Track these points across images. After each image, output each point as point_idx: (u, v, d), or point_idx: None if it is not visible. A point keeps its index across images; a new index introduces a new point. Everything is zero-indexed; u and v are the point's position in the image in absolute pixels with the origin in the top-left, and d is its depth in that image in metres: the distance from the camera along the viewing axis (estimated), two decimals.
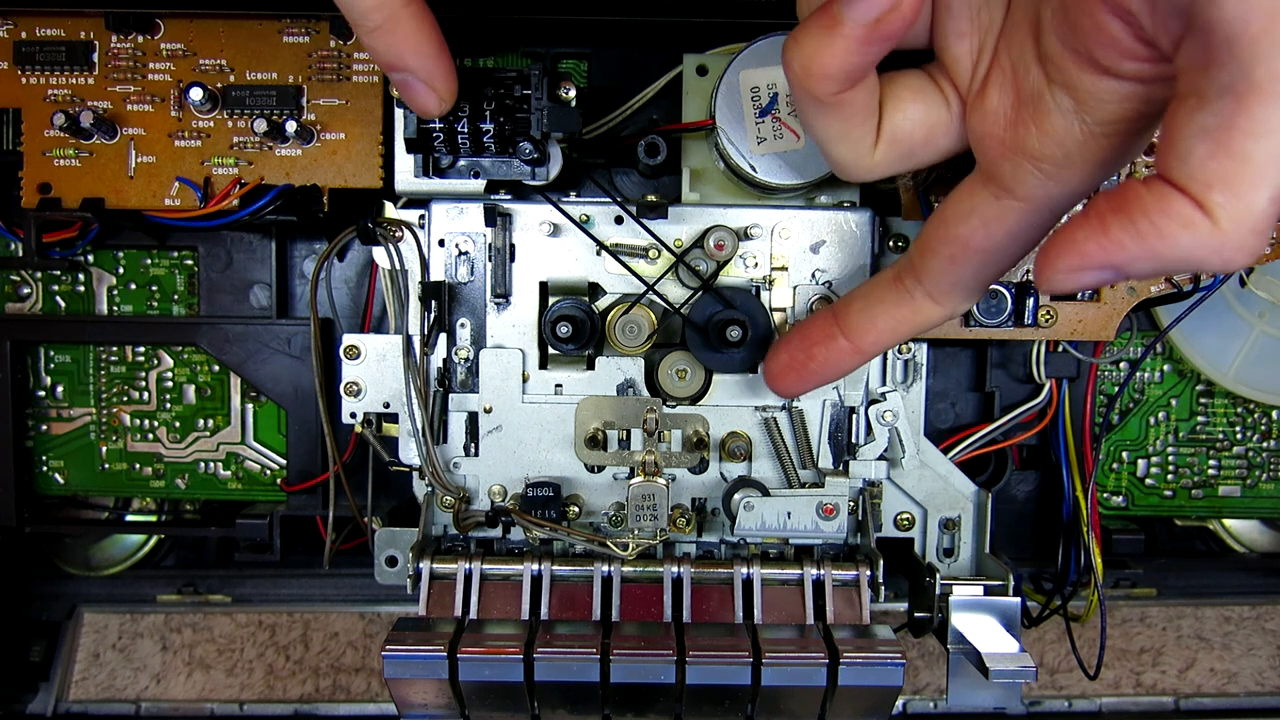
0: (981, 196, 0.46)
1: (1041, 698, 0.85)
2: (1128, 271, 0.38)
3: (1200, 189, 0.35)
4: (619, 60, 0.69)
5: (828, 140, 0.48)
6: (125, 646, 0.85)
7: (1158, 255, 0.37)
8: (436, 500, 0.65)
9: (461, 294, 0.65)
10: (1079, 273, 0.39)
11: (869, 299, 0.53)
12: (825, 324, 0.55)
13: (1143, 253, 0.37)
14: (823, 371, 0.55)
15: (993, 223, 0.45)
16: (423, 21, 0.49)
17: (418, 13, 0.49)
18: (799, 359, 0.56)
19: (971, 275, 0.48)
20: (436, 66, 0.51)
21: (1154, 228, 0.36)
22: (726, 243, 0.62)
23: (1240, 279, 0.71)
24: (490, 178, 0.62)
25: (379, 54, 0.50)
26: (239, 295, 0.73)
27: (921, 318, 0.51)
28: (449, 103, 0.53)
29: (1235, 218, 0.35)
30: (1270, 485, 0.77)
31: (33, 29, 0.64)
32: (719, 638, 0.59)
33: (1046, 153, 0.42)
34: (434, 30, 0.50)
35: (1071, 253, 0.39)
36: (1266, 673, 0.86)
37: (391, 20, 0.48)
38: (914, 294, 0.51)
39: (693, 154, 0.65)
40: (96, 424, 0.76)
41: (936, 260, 0.49)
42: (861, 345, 0.54)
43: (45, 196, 0.64)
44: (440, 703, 0.60)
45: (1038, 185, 0.43)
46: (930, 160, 0.49)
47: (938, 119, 0.47)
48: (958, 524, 0.68)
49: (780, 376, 0.57)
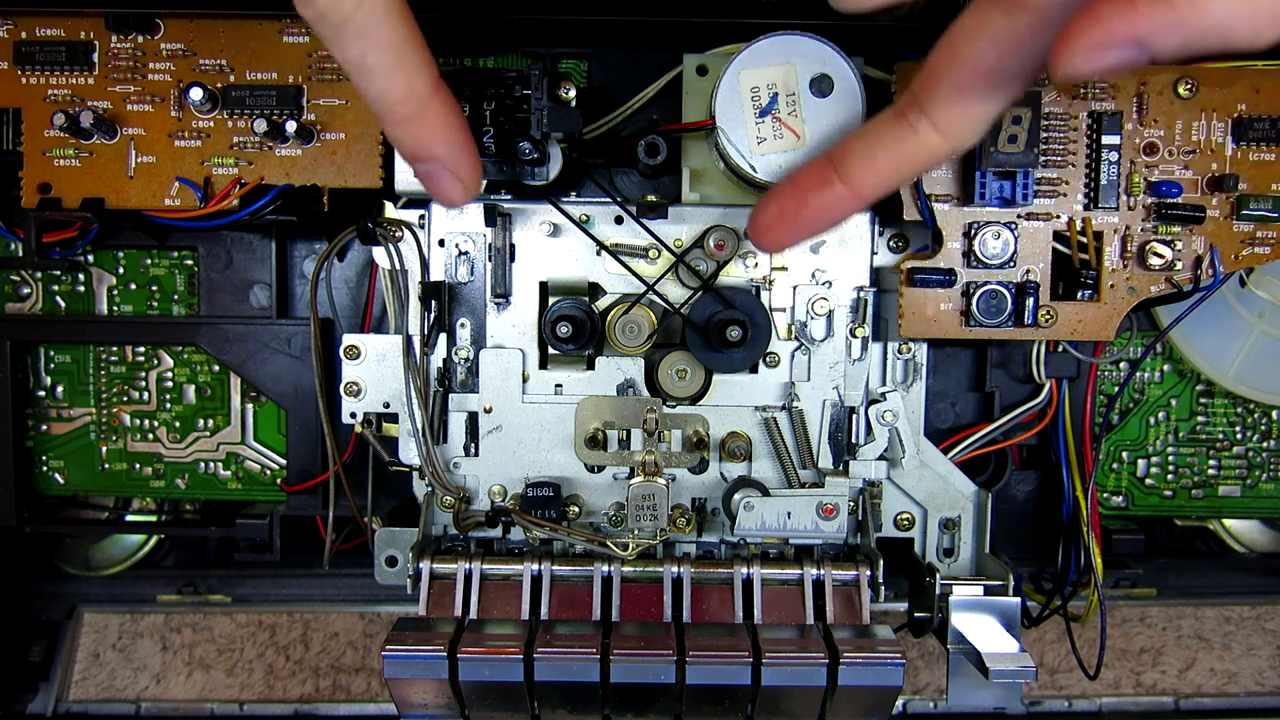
0: (990, 14, 0.43)
1: (1041, 698, 0.85)
2: (1154, 46, 0.36)
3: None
4: (619, 60, 0.69)
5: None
6: (125, 646, 0.85)
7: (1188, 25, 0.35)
8: (436, 500, 0.65)
9: (461, 294, 0.65)
10: (1102, 50, 0.37)
11: (868, 138, 0.50)
12: (820, 169, 0.51)
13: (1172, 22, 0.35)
14: (816, 219, 0.52)
15: (1002, 40, 0.43)
16: (449, 111, 0.49)
17: (444, 101, 0.48)
18: (790, 207, 0.52)
19: (979, 100, 0.46)
20: (463, 156, 0.50)
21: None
22: (726, 243, 0.62)
23: (1240, 279, 0.71)
24: (490, 178, 0.62)
25: (405, 145, 0.49)
26: (239, 295, 0.73)
27: (925, 153, 0.48)
28: (474, 191, 0.52)
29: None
30: (1270, 485, 0.77)
31: (33, 29, 0.64)
32: (719, 638, 0.59)
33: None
34: (459, 119, 0.49)
35: (1095, 29, 0.37)
36: (1266, 673, 0.86)
37: (420, 112, 0.47)
38: (917, 127, 0.48)
39: (693, 154, 0.65)
40: (96, 424, 0.76)
41: (942, 87, 0.46)
42: (860, 188, 0.50)
43: (45, 196, 0.64)
44: (440, 703, 0.60)
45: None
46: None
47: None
48: (958, 524, 0.68)
49: (769, 228, 0.53)
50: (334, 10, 0.43)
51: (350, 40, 0.44)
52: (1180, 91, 0.61)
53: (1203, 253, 0.62)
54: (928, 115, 0.47)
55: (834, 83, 0.58)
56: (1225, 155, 0.62)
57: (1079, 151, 0.62)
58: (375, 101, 0.47)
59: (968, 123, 0.47)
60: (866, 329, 0.65)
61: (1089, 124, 0.62)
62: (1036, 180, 0.62)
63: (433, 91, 0.47)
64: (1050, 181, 0.62)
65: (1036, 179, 0.62)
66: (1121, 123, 0.61)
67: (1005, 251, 0.63)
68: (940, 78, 0.46)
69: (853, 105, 0.58)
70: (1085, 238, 0.62)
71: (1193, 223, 0.62)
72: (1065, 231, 0.63)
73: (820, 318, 0.65)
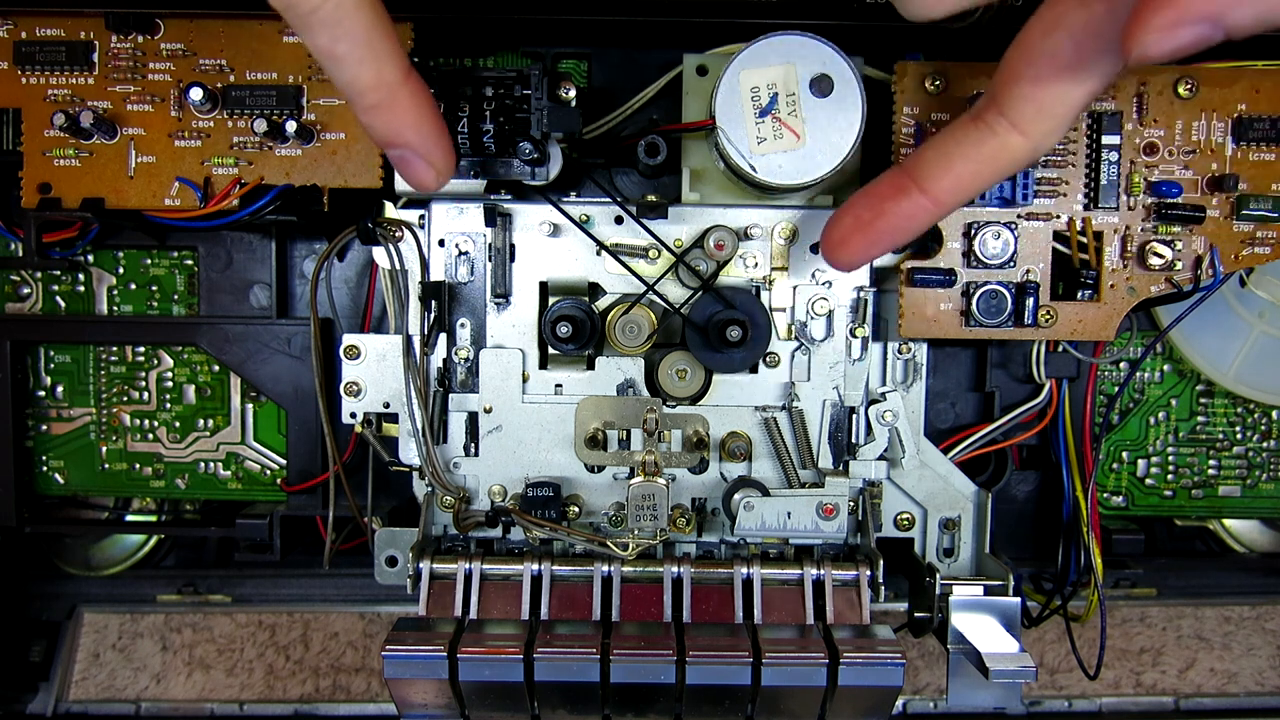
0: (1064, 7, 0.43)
1: (1041, 698, 0.85)
2: (1229, 21, 0.36)
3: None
4: (619, 60, 0.69)
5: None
6: (125, 646, 0.85)
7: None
8: (436, 500, 0.65)
9: (461, 294, 0.65)
10: (1176, 29, 0.36)
11: (944, 143, 0.49)
12: (896, 178, 0.50)
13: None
14: (895, 230, 0.50)
15: (1079, 31, 0.43)
16: (419, 98, 0.49)
17: (415, 89, 0.48)
18: (866, 218, 0.51)
19: (1058, 97, 0.45)
20: (434, 142, 0.51)
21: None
22: (726, 243, 0.62)
23: (1240, 279, 0.71)
24: (490, 178, 0.62)
25: (377, 131, 0.50)
26: (239, 295, 0.73)
27: (1006, 155, 0.47)
28: (446, 176, 0.53)
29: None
30: (1270, 485, 0.77)
31: (33, 29, 0.64)
32: (719, 638, 0.59)
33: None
34: (430, 106, 0.50)
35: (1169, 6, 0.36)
36: (1266, 673, 0.86)
37: (390, 99, 0.48)
38: (996, 128, 0.46)
39: (693, 154, 0.65)
40: (96, 424, 0.76)
41: (1021, 84, 0.45)
42: (939, 195, 0.49)
43: (45, 196, 0.64)
44: (440, 703, 0.60)
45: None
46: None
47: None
48: (958, 524, 0.68)
49: (845, 242, 0.52)
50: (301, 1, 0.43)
51: (319, 29, 0.44)
52: (1180, 91, 0.61)
53: (1203, 253, 0.62)
54: (1006, 115, 0.46)
55: (834, 83, 0.58)
56: (1225, 155, 0.62)
57: (1079, 151, 0.62)
58: (346, 89, 0.47)
59: (1049, 120, 0.46)
60: (866, 329, 0.65)
61: (1089, 124, 0.62)
62: (1036, 180, 0.62)
63: (402, 79, 0.48)
64: (1050, 181, 0.62)
65: (1036, 179, 0.62)
66: (1121, 123, 0.61)
67: (1005, 251, 0.63)
68: (1019, 74, 0.45)
69: (853, 105, 0.58)
70: (1085, 238, 0.62)
71: (1193, 223, 0.62)
72: (1065, 231, 0.63)
73: (820, 318, 0.65)
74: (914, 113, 0.61)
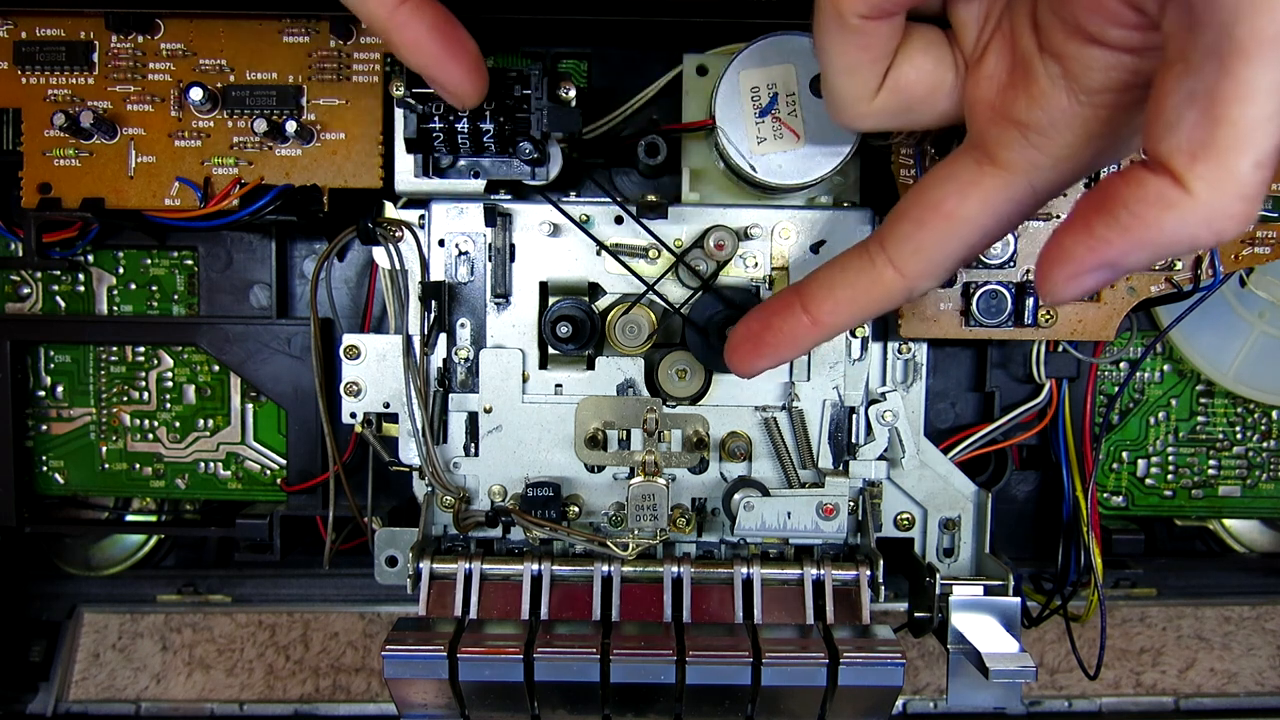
0: (962, 163, 0.45)
1: (1041, 698, 0.85)
2: (1123, 266, 0.37)
3: (1184, 162, 0.34)
4: (619, 60, 0.69)
5: (835, 70, 0.47)
6: (125, 646, 0.85)
7: (1146, 243, 0.36)
8: (436, 500, 0.65)
9: (461, 294, 0.65)
10: (1076, 279, 0.38)
11: (832, 268, 0.51)
12: (787, 296, 0.52)
13: (1131, 245, 0.36)
14: (778, 345, 0.52)
15: (968, 187, 0.44)
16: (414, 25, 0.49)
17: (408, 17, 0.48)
18: (755, 330, 0.53)
19: (937, 244, 0.46)
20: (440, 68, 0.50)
21: (1136, 217, 0.36)
22: (726, 243, 0.62)
23: (1240, 279, 0.71)
24: (490, 178, 0.62)
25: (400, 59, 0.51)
26: (239, 295, 0.73)
27: (880, 289, 0.49)
28: (474, 96, 0.52)
29: (1216, 187, 0.34)
30: (1270, 485, 0.77)
31: (33, 29, 0.64)
32: (719, 638, 0.59)
33: (1032, 119, 0.42)
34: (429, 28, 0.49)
35: (1064, 260, 0.38)
36: (1266, 673, 0.86)
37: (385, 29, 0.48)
38: (875, 261, 0.48)
39: (693, 154, 0.65)
40: (96, 424, 0.76)
41: (904, 224, 0.47)
42: (819, 317, 0.51)
43: (45, 196, 0.64)
44: (440, 703, 0.60)
45: (1020, 152, 0.43)
46: (925, 121, 0.49)
47: (942, 79, 0.47)
48: (958, 524, 0.68)
49: (735, 349, 0.54)
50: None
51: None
52: None
53: (1203, 253, 0.62)
54: (886, 251, 0.48)
55: None
56: None
57: None
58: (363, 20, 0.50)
59: (924, 265, 0.47)
60: (866, 329, 0.65)
61: None
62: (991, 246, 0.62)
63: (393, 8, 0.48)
64: None
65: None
66: None
67: (1005, 251, 0.63)
68: (904, 214, 0.47)
69: None
70: None
71: None
72: None
73: None
74: None
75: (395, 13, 0.48)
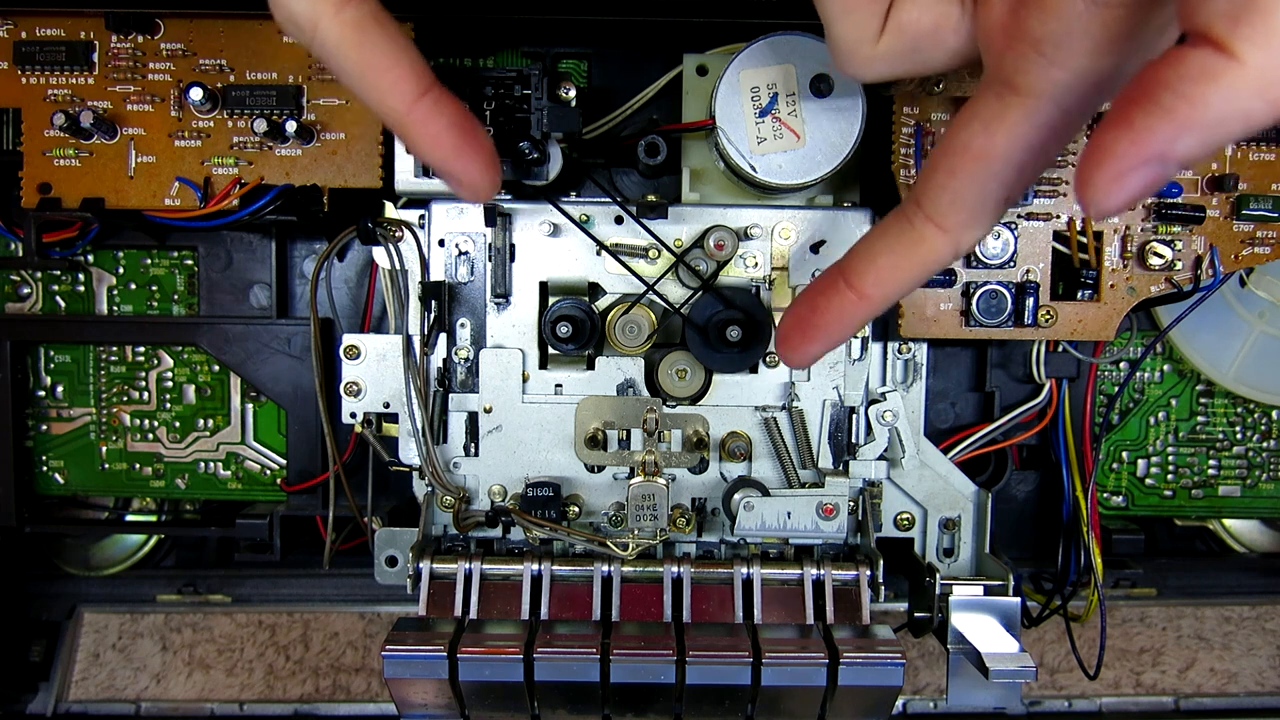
0: (984, 100, 0.42)
1: (1041, 698, 0.85)
2: (1173, 157, 0.34)
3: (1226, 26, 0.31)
4: (619, 60, 0.69)
5: (833, 14, 0.45)
6: (125, 646, 0.85)
7: (1194, 124, 0.33)
8: (436, 500, 0.65)
9: (461, 294, 0.65)
10: (1121, 179, 0.35)
11: (871, 238, 0.48)
12: (830, 275, 0.50)
13: (1178, 129, 0.33)
14: (828, 326, 0.50)
15: (994, 122, 0.42)
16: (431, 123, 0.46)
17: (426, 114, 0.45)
18: (802, 315, 0.50)
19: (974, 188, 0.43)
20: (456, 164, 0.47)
21: (1180, 96, 0.33)
22: (726, 243, 0.62)
23: (1240, 279, 0.71)
24: None
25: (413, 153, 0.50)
26: (239, 295, 0.73)
27: (924, 250, 0.46)
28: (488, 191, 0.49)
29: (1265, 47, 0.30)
30: (1270, 485, 0.77)
31: (33, 29, 0.64)
32: (719, 638, 0.59)
33: (1048, 32, 0.39)
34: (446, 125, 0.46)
35: (1106, 158, 0.35)
36: (1266, 673, 0.86)
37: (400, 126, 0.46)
38: (914, 221, 0.45)
39: (693, 154, 0.65)
40: (96, 424, 0.76)
41: (936, 176, 0.44)
42: (864, 290, 0.48)
43: (45, 196, 0.64)
44: (440, 703, 0.60)
45: (1041, 73, 0.40)
46: (935, 62, 0.46)
47: (947, 12, 0.44)
48: (958, 524, 0.68)
49: (786, 338, 0.51)
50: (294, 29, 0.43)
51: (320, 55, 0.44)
52: None
53: (1203, 253, 0.62)
54: (924, 209, 0.45)
55: (834, 83, 0.58)
56: (1225, 155, 0.62)
57: (1079, 151, 0.62)
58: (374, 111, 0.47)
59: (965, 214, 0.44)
60: (866, 329, 0.65)
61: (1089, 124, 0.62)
62: (1036, 180, 0.62)
63: (409, 106, 0.45)
64: (1050, 181, 0.62)
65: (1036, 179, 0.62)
66: None
67: (1005, 251, 0.63)
68: (935, 165, 0.44)
69: (853, 105, 0.58)
70: (1085, 238, 0.62)
71: (1193, 223, 0.62)
72: (1065, 231, 0.63)
73: None
74: (914, 113, 0.61)
75: (414, 108, 0.46)
